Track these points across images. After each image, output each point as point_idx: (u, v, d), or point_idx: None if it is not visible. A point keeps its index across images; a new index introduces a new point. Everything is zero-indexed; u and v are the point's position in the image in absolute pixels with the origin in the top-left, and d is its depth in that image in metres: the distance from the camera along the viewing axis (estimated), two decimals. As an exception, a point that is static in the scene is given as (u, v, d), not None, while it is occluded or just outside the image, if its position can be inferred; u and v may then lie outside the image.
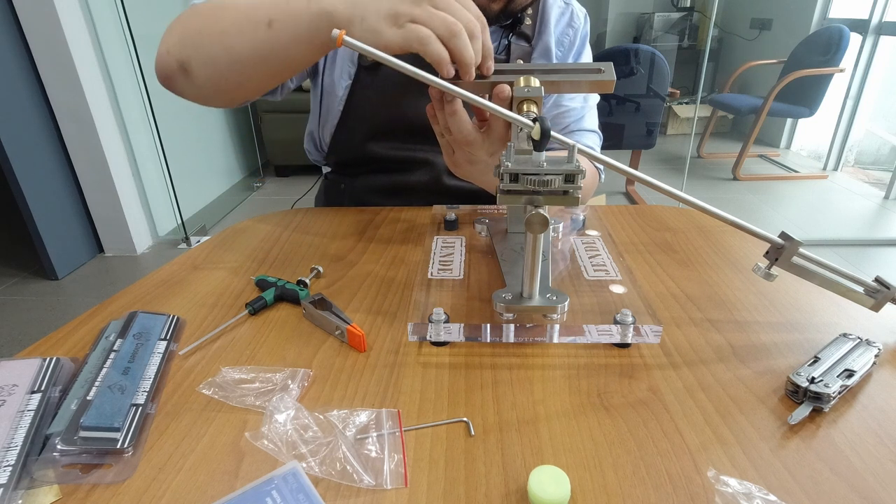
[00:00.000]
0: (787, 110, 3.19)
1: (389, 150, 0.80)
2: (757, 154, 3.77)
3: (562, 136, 0.45)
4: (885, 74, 3.31)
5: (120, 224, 2.42)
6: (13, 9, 1.99)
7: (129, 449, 0.38)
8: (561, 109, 0.84)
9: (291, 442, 0.38)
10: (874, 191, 3.16)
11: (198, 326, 0.53)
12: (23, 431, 0.38)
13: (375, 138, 0.80)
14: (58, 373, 0.43)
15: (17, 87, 2.04)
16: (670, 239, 0.70)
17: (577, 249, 0.62)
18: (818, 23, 3.51)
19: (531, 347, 0.49)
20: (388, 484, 0.35)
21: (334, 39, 0.45)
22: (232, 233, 0.75)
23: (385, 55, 0.46)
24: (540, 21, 0.81)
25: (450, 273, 0.57)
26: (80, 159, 2.28)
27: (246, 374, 0.45)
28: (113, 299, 0.58)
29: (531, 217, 0.43)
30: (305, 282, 0.57)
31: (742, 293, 0.57)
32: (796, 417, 0.39)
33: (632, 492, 0.34)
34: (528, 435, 0.39)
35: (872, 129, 3.54)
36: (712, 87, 4.18)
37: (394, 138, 0.81)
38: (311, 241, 0.71)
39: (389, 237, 0.71)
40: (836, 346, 0.45)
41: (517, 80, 0.50)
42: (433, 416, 0.41)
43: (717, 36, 4.12)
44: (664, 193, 0.45)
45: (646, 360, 0.47)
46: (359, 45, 0.46)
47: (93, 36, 2.18)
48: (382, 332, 0.51)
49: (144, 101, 2.44)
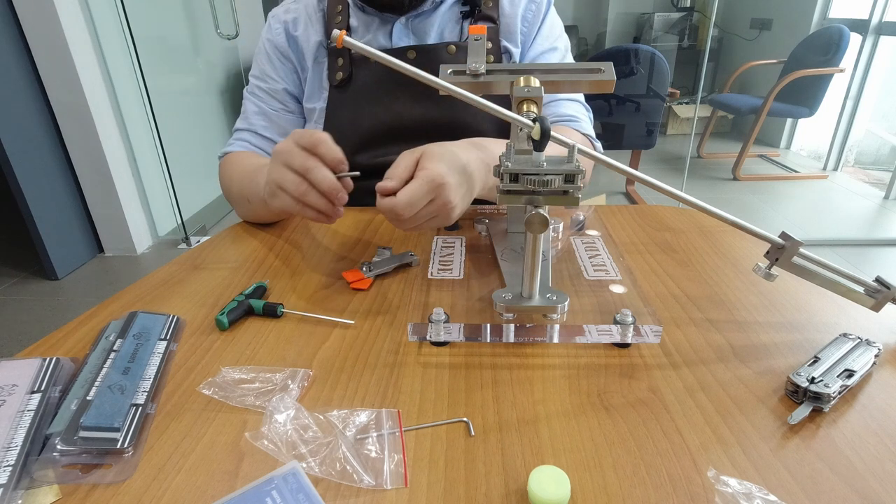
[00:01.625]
0: (787, 110, 3.19)
1: (376, 157, 0.81)
2: (757, 154, 3.77)
3: (561, 136, 0.45)
4: (885, 74, 3.31)
5: (120, 224, 2.42)
6: (13, 9, 1.99)
7: (129, 449, 0.38)
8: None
9: (291, 442, 0.38)
10: (874, 191, 3.16)
11: (198, 326, 0.53)
12: (23, 431, 0.38)
13: (361, 150, 0.82)
14: (58, 373, 0.43)
15: (17, 87, 2.04)
16: (670, 239, 0.70)
17: (577, 249, 0.62)
18: (818, 23, 3.51)
19: (531, 347, 0.49)
20: (388, 484, 0.35)
21: (334, 40, 0.46)
22: (232, 233, 0.75)
23: (385, 55, 0.46)
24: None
25: (450, 273, 0.57)
26: (80, 159, 2.28)
27: (246, 374, 0.45)
28: (113, 299, 0.58)
29: (531, 217, 0.43)
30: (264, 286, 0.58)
31: (742, 293, 0.57)
32: (796, 417, 0.39)
33: (632, 492, 0.34)
34: (528, 435, 0.39)
35: (872, 129, 3.54)
36: (712, 87, 4.18)
37: (377, 146, 0.82)
38: (312, 240, 0.71)
39: (389, 237, 0.71)
40: (836, 346, 0.45)
41: (517, 80, 0.50)
42: (433, 416, 0.41)
43: (717, 36, 4.12)
44: (664, 193, 0.45)
45: (646, 360, 0.47)
46: (359, 45, 0.46)
47: (93, 36, 2.18)
48: (382, 332, 0.51)
49: (144, 101, 2.44)
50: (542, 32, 0.84)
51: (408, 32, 0.81)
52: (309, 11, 0.82)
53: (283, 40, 0.82)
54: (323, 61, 0.81)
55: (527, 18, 0.83)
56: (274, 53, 0.83)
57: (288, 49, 0.82)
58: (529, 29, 0.83)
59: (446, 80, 0.48)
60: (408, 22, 0.80)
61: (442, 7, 0.81)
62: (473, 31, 0.57)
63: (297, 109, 0.85)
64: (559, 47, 0.85)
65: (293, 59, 0.83)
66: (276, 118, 0.84)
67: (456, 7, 0.82)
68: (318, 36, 0.81)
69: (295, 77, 0.84)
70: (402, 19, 0.80)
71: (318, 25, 0.81)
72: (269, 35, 0.84)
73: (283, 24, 0.83)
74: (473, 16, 0.80)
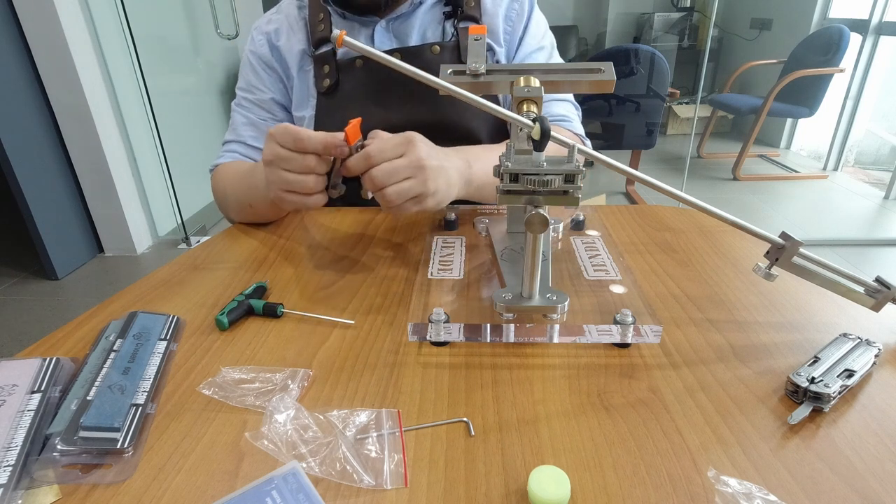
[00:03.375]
0: (787, 110, 3.19)
1: None
2: (757, 154, 3.77)
3: (561, 136, 0.45)
4: (885, 74, 3.31)
5: (120, 224, 2.42)
6: (13, 9, 1.99)
7: (129, 449, 0.38)
8: None
9: (291, 442, 0.38)
10: (874, 191, 3.16)
11: (198, 326, 0.53)
12: (23, 431, 0.38)
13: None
14: (58, 373, 0.43)
15: (17, 87, 2.04)
16: (670, 239, 0.70)
17: (577, 249, 0.62)
18: (818, 23, 3.51)
19: (531, 347, 0.49)
20: (388, 484, 0.35)
21: (334, 40, 0.46)
22: (232, 233, 0.75)
23: (383, 54, 0.47)
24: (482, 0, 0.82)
25: (450, 273, 0.57)
26: (80, 159, 2.28)
27: (246, 374, 0.45)
28: (113, 299, 0.58)
29: (531, 217, 0.43)
30: (264, 286, 0.58)
31: (742, 293, 0.57)
32: (796, 417, 0.39)
33: (632, 492, 0.34)
34: (528, 435, 0.39)
35: (872, 129, 3.54)
36: (712, 87, 4.18)
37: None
38: (312, 240, 0.71)
39: (389, 237, 0.71)
40: (836, 346, 0.45)
41: (517, 80, 0.50)
42: (433, 416, 0.41)
43: (717, 36, 4.12)
44: (664, 193, 0.45)
45: (646, 360, 0.47)
46: (358, 45, 0.46)
47: (93, 36, 2.18)
48: (382, 332, 0.51)
49: (144, 102, 2.44)
50: (530, 31, 0.84)
51: (389, 36, 0.81)
52: (290, 21, 0.83)
53: (266, 51, 0.83)
54: (308, 69, 0.82)
55: (510, 18, 0.83)
56: (259, 64, 0.84)
57: (272, 59, 0.83)
58: (514, 28, 0.83)
59: (446, 81, 0.48)
60: (388, 25, 0.81)
61: (421, 8, 0.81)
62: (473, 31, 0.57)
63: (286, 118, 0.86)
64: (546, 45, 0.86)
65: (278, 68, 0.83)
66: (265, 128, 0.85)
67: (437, 7, 0.82)
68: (301, 45, 0.81)
69: (281, 86, 0.85)
70: (383, 22, 0.80)
71: (301, 34, 0.82)
72: (252, 47, 0.84)
73: (265, 36, 0.83)
74: (456, 16, 0.80)
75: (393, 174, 0.55)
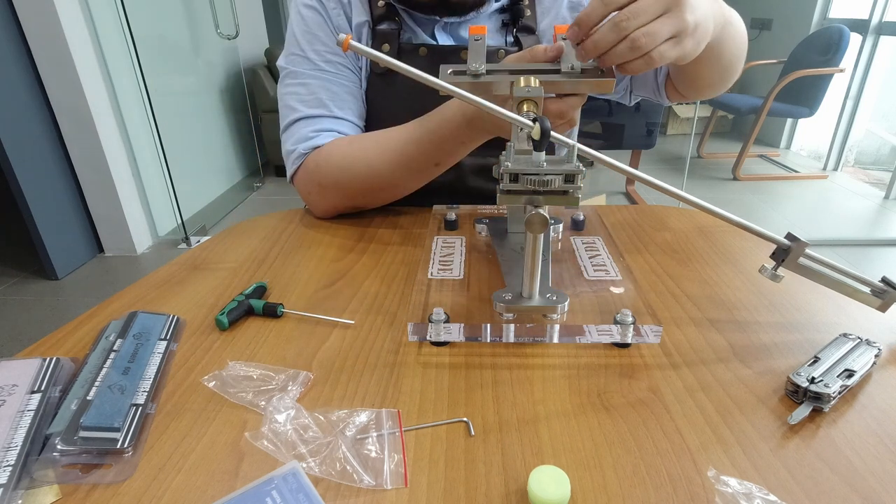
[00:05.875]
0: (787, 110, 3.19)
1: None
2: (757, 154, 3.77)
3: (562, 136, 0.45)
4: (885, 74, 3.31)
5: (120, 224, 2.42)
6: (13, 9, 1.99)
7: (129, 449, 0.38)
8: None
9: (291, 442, 0.38)
10: (874, 191, 3.16)
11: (198, 326, 0.53)
12: (23, 431, 0.38)
13: None
14: (58, 373, 0.43)
15: (17, 87, 2.05)
16: (670, 239, 0.70)
17: (577, 249, 0.62)
18: (818, 23, 3.51)
19: (531, 347, 0.49)
20: (388, 484, 0.35)
21: (340, 42, 0.46)
22: (232, 233, 0.75)
23: (389, 58, 0.46)
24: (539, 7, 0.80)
25: (450, 273, 0.57)
26: (80, 159, 2.28)
27: (252, 369, 0.45)
28: (113, 299, 0.58)
29: (531, 217, 0.43)
30: (264, 286, 0.58)
31: (742, 293, 0.57)
32: (796, 417, 0.39)
33: (632, 492, 0.34)
34: (528, 435, 0.39)
35: (872, 129, 3.54)
36: (712, 87, 4.17)
37: None
38: (312, 240, 0.71)
39: (389, 237, 0.71)
40: (837, 346, 0.45)
41: (517, 80, 0.50)
42: (433, 416, 0.41)
43: (718, 36, 4.11)
44: (665, 193, 0.45)
45: (646, 360, 0.47)
46: (366, 50, 0.46)
47: (93, 36, 2.18)
48: (382, 332, 0.51)
49: (144, 101, 2.44)
50: None
51: (447, 36, 0.79)
52: None
53: (334, 3, 0.77)
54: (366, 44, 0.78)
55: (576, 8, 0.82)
56: (323, 17, 0.76)
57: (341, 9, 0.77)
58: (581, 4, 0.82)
59: (446, 81, 0.48)
60: (446, 26, 0.79)
61: (482, 14, 0.79)
62: (473, 31, 0.57)
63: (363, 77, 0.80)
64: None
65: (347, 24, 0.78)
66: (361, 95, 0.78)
67: (495, 16, 0.80)
68: (362, 16, 0.77)
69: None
70: (442, 22, 0.78)
71: (361, 7, 0.77)
72: (308, 2, 0.76)
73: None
74: (515, 25, 0.79)
75: (641, 14, 0.47)
